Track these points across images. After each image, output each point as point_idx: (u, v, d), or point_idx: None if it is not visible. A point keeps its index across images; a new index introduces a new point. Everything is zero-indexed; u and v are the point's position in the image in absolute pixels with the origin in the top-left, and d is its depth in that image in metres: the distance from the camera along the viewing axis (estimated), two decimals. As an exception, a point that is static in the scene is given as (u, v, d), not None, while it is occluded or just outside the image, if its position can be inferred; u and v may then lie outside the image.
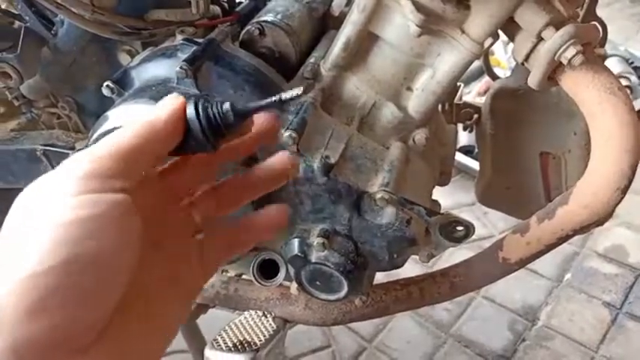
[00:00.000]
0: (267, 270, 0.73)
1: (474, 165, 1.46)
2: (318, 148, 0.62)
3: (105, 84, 0.63)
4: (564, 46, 0.54)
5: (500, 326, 1.22)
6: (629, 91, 1.89)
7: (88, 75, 0.80)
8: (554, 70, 0.58)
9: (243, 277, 0.82)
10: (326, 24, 0.78)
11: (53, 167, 0.81)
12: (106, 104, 0.74)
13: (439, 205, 0.76)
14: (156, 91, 0.60)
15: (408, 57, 0.64)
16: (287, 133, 0.59)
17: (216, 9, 0.77)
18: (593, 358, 1.15)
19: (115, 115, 0.59)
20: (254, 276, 0.72)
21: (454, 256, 1.41)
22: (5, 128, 0.96)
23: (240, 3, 0.81)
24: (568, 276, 1.32)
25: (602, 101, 0.55)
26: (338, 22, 0.78)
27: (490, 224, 1.49)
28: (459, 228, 0.64)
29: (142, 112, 0.58)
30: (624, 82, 1.87)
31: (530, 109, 0.78)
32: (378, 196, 0.61)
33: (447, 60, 0.62)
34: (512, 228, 0.73)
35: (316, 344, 1.21)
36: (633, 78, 1.90)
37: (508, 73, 0.86)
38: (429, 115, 0.69)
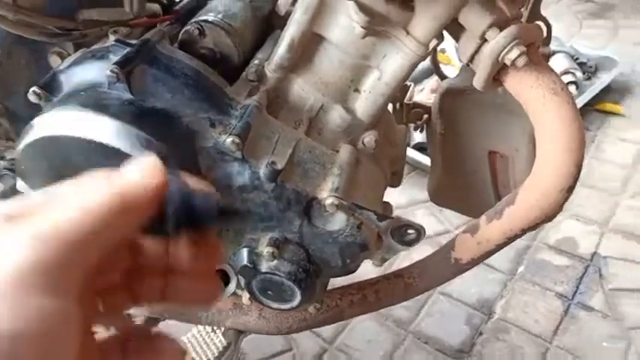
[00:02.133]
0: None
1: (428, 162, 1.46)
2: (264, 154, 0.60)
3: (31, 89, 0.59)
4: (508, 48, 0.54)
5: (457, 321, 1.24)
6: (574, 87, 1.96)
7: (16, 79, 0.75)
8: (499, 71, 0.58)
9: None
10: (271, 24, 0.75)
11: (-18, 178, 0.76)
12: (39, 111, 0.69)
13: (391, 207, 0.75)
14: (85, 96, 0.56)
15: (354, 58, 0.63)
16: (230, 139, 0.56)
17: (154, 7, 0.73)
18: (547, 349, 1.18)
19: (40, 124, 0.55)
20: (203, 287, 0.69)
21: (413, 252, 1.42)
22: None
23: (181, 1, 0.77)
24: (521, 269, 1.35)
25: (545, 102, 0.55)
26: (284, 21, 0.75)
27: (446, 220, 1.51)
28: (410, 231, 0.64)
29: (71, 118, 0.54)
30: (570, 78, 1.93)
31: (477, 109, 0.78)
32: (328, 202, 0.59)
33: (392, 61, 0.61)
34: (463, 227, 0.73)
35: (277, 348, 1.19)
36: (578, 74, 1.97)
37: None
38: (377, 117, 0.67)
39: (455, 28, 0.59)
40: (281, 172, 0.58)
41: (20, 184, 0.62)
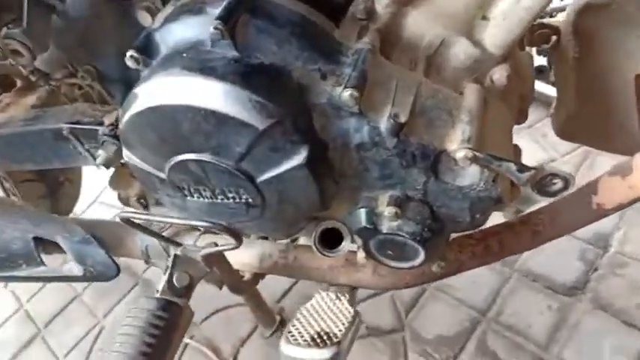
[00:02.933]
0: (330, 239, 0.66)
1: (542, 88, 1.31)
2: (384, 105, 0.52)
3: (128, 54, 0.54)
4: None
5: (569, 257, 1.15)
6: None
7: (106, 40, 0.71)
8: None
9: (302, 243, 0.76)
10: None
11: (82, 145, 0.75)
12: (131, 70, 0.65)
13: (520, 149, 0.66)
14: (188, 58, 0.50)
15: (485, -20, 0.52)
16: (347, 92, 0.50)
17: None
18: (673, 284, 1.08)
19: (144, 93, 0.51)
20: (316, 247, 0.65)
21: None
22: (25, 104, 0.90)
23: None
24: (641, 197, 1.21)
25: None
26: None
27: (550, 148, 1.38)
28: (556, 181, 0.55)
29: (177, 85, 0.49)
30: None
31: (623, 27, 0.65)
32: (460, 154, 0.52)
33: (537, -21, 0.50)
34: (608, 170, 0.63)
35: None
36: None
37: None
38: (511, 48, 0.57)
39: None
40: (404, 125, 0.51)
41: (127, 154, 0.59)
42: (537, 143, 1.39)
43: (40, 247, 0.81)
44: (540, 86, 1.32)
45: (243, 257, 0.77)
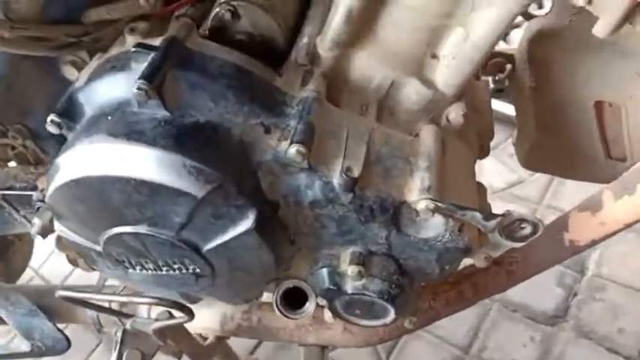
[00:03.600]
0: (294, 298, 0.61)
1: (500, 107, 1.28)
2: (335, 158, 0.48)
3: (48, 119, 0.49)
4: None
5: (548, 283, 1.13)
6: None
7: (32, 96, 0.66)
8: (634, 9, 0.43)
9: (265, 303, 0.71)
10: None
11: (17, 211, 0.69)
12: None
13: (484, 188, 0.63)
14: (114, 121, 0.46)
15: (432, 18, 0.49)
16: (293, 148, 0.45)
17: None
18: (654, 305, 1.06)
19: (67, 163, 0.45)
20: (279, 309, 0.60)
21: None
22: (-44, 169, 0.83)
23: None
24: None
25: None
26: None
27: (518, 168, 1.35)
28: (524, 226, 0.52)
29: (102, 154, 0.44)
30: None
31: (578, 53, 0.63)
32: (421, 206, 0.48)
33: (485, 15, 0.47)
34: (577, 205, 0.60)
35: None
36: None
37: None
38: (463, 86, 0.54)
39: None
40: (359, 178, 0.47)
41: (58, 227, 0.54)
42: (504, 164, 1.38)
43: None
44: (502, 106, 1.30)
45: (202, 321, 0.71)
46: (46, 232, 0.62)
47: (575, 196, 0.60)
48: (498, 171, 1.34)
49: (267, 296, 0.73)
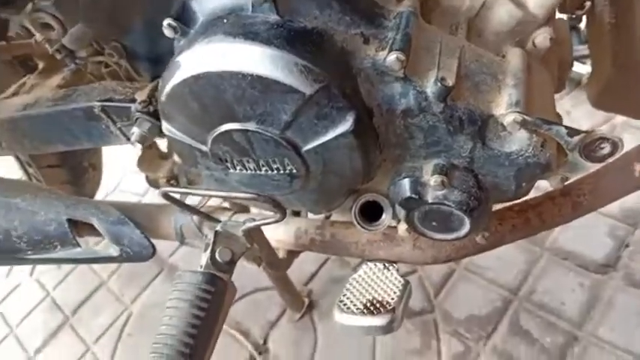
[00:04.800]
0: (369, 213, 0.65)
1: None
2: (430, 69, 0.51)
3: (165, 22, 0.53)
4: None
5: (599, 234, 1.14)
6: None
7: (133, 13, 0.69)
8: None
9: (337, 219, 0.75)
10: None
11: (114, 123, 0.74)
12: (159, 45, 0.64)
13: (560, 116, 0.65)
14: (229, 23, 0.49)
15: None
16: (392, 56, 0.48)
17: None
18: None
19: (187, 61, 0.50)
20: (357, 221, 0.64)
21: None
22: (51, 85, 0.89)
23: None
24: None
25: None
26: None
27: (574, 123, 1.35)
28: (604, 145, 0.54)
29: (221, 51, 0.48)
30: None
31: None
32: (509, 119, 0.51)
33: None
34: None
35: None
36: None
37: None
38: (554, 8, 0.56)
39: None
40: (452, 89, 0.50)
41: (167, 127, 0.59)
42: (563, 120, 1.36)
43: (75, 229, 0.80)
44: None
45: (278, 234, 0.76)
46: (144, 140, 0.68)
47: None
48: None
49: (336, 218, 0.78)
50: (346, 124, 0.50)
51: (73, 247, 0.80)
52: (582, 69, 1.37)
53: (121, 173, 1.72)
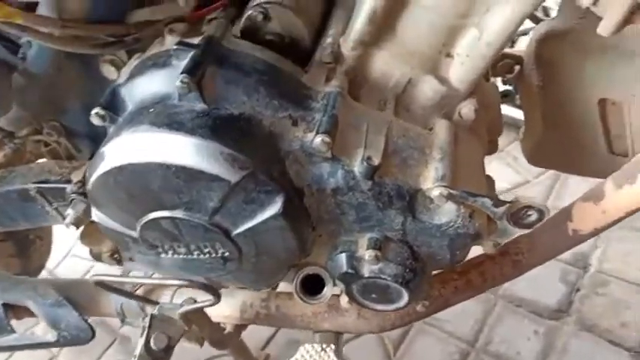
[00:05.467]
0: (312, 285, 0.64)
1: (509, 112, 1.33)
2: (357, 148, 0.52)
3: (93, 112, 0.53)
4: (654, -16, 0.43)
5: (551, 279, 1.16)
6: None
7: (70, 95, 0.70)
8: (634, 11, 0.47)
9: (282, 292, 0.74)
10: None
11: (50, 204, 0.72)
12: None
13: (493, 181, 0.67)
14: (155, 112, 0.50)
15: (449, 19, 0.53)
16: (319, 139, 0.49)
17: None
18: (655, 300, 1.09)
19: (112, 151, 0.49)
20: (298, 294, 0.64)
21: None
22: (-10, 163, 0.87)
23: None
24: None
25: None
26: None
27: (524, 170, 1.40)
28: (530, 213, 0.55)
29: (145, 142, 0.48)
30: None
31: (583, 54, 0.67)
32: (435, 193, 0.52)
33: (498, 16, 0.51)
34: (581, 196, 0.64)
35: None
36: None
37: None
38: (476, 83, 0.58)
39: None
40: (379, 167, 0.51)
41: (96, 214, 0.57)
42: (510, 167, 1.41)
43: (10, 314, 0.77)
44: (508, 110, 1.35)
45: (223, 309, 0.75)
46: (79, 222, 0.66)
47: (577, 196, 0.64)
48: (503, 173, 1.38)
49: (283, 286, 0.78)
50: (275, 207, 0.50)
51: (8, 334, 0.77)
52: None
53: (73, 239, 1.67)
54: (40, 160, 0.83)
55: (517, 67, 0.74)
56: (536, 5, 0.49)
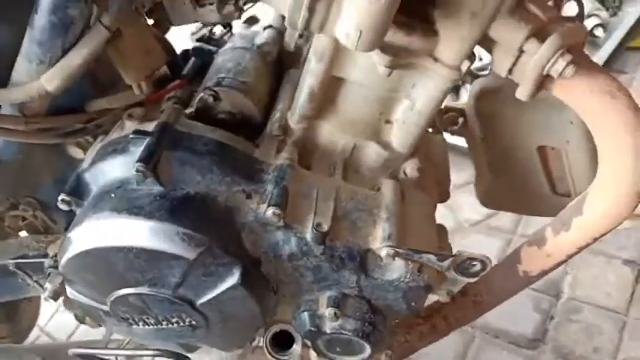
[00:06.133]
0: (282, 341, 0.67)
1: (460, 143, 1.39)
2: (307, 215, 0.56)
3: (60, 198, 0.57)
4: (552, 60, 0.48)
5: (525, 309, 1.19)
6: (601, 30, 1.84)
7: (41, 173, 0.74)
8: (544, 80, 0.52)
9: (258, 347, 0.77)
10: (282, 63, 0.71)
11: (30, 277, 0.75)
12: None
13: (445, 230, 0.71)
14: (116, 198, 0.54)
15: (381, 92, 0.59)
16: (270, 211, 0.53)
17: (162, 69, 0.70)
18: (625, 323, 1.13)
19: (77, 237, 0.53)
20: (268, 352, 0.66)
21: (467, 240, 1.37)
22: (-31, 238, 0.90)
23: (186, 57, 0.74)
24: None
25: (603, 109, 0.50)
26: (295, 57, 0.72)
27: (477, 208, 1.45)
28: (475, 263, 0.59)
29: (106, 228, 0.52)
30: (595, 21, 1.80)
31: (517, 107, 0.71)
32: (383, 253, 0.56)
33: (424, 90, 0.56)
34: (525, 240, 0.68)
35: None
36: (603, 13, 1.84)
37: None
38: (415, 144, 0.63)
39: (486, 42, 0.54)
40: (329, 232, 0.55)
41: (69, 290, 0.61)
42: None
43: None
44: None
45: (201, 367, 0.77)
46: (57, 295, 0.69)
47: (544, 224, 0.68)
48: (474, 204, 1.42)
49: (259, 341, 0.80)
50: (233, 278, 0.54)
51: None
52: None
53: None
54: (20, 234, 0.86)
55: (461, 120, 0.79)
56: (456, 81, 0.54)
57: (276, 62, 0.70)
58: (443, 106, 0.83)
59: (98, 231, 0.52)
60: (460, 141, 0.86)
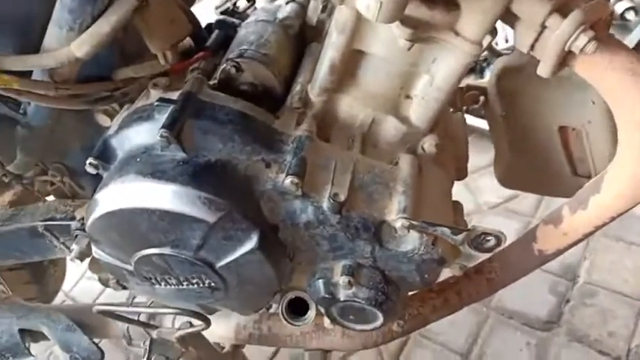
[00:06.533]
0: (298, 307, 0.70)
1: (483, 125, 1.38)
2: (325, 186, 0.58)
3: (87, 162, 0.59)
4: (574, 35, 0.48)
5: (541, 291, 1.19)
6: (633, 13, 1.78)
7: (70, 139, 0.77)
8: (565, 57, 0.52)
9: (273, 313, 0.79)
10: (304, 37, 0.72)
11: (58, 239, 0.79)
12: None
13: (461, 206, 0.72)
14: (141, 162, 0.56)
15: (402, 67, 0.59)
16: (288, 180, 0.55)
17: (186, 41, 0.71)
18: (641, 309, 1.12)
19: (103, 199, 0.55)
20: (284, 317, 0.69)
21: (484, 221, 1.37)
22: (3, 201, 0.94)
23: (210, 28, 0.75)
24: (602, 225, 1.26)
25: (625, 86, 0.50)
26: (317, 32, 0.72)
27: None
28: (489, 238, 0.60)
29: (131, 190, 0.54)
30: (627, 4, 1.74)
31: (540, 85, 0.72)
32: (398, 224, 0.57)
33: (444, 65, 0.57)
34: (543, 219, 0.68)
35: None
36: (636, -4, 1.78)
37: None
38: (434, 120, 0.63)
39: (509, 17, 0.54)
40: (345, 202, 0.56)
41: (96, 251, 0.64)
42: (500, 182, 1.45)
43: (27, 338, 0.84)
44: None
45: (219, 331, 0.80)
46: (83, 256, 0.72)
47: None
48: (494, 187, 1.42)
49: (275, 308, 0.83)
50: (251, 242, 0.56)
51: (25, 357, 0.83)
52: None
53: (86, 262, 1.74)
54: (48, 198, 0.90)
55: (482, 98, 0.79)
56: (477, 56, 0.54)
57: (298, 36, 0.71)
58: (464, 85, 0.83)
59: (124, 193, 0.54)
60: (481, 123, 0.86)
